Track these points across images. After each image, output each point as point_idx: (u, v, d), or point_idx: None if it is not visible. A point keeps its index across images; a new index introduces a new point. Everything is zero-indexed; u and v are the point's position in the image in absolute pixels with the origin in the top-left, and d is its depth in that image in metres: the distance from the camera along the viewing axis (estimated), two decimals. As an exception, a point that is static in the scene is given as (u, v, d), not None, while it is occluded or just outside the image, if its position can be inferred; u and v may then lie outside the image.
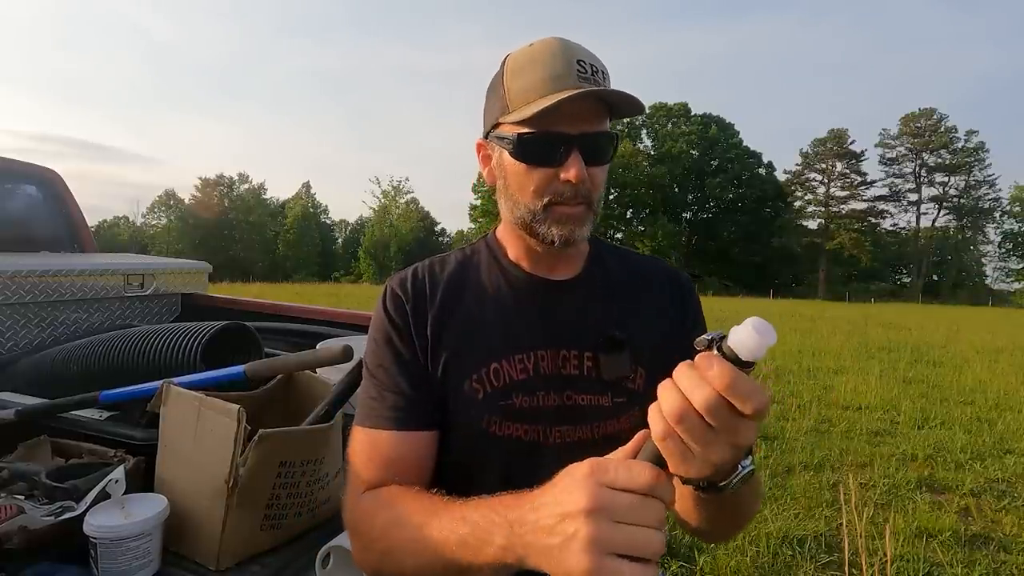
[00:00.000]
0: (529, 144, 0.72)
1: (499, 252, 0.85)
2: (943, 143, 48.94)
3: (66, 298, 1.98)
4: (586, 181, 0.72)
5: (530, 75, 0.71)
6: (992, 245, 51.80)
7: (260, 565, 1.03)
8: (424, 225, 56.41)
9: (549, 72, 0.70)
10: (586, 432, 0.77)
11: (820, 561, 2.44)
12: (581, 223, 0.75)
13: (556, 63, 0.70)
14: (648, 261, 0.91)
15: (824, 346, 9.36)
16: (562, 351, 0.78)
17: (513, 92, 0.73)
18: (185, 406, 1.05)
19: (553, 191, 0.73)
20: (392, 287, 0.82)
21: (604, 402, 0.78)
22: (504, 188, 0.78)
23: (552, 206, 0.74)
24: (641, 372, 0.80)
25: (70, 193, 2.68)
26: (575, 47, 0.72)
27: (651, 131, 51.35)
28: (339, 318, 2.11)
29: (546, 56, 0.71)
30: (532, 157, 0.73)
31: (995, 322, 19.32)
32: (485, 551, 0.55)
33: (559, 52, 0.71)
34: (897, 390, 5.91)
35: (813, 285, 48.69)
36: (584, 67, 0.70)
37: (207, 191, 57.44)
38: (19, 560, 0.91)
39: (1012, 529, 2.81)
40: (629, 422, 0.78)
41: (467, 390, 0.76)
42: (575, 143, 0.71)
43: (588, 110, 0.71)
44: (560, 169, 0.71)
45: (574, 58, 0.70)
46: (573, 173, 0.70)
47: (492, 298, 0.81)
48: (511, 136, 0.73)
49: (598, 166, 0.74)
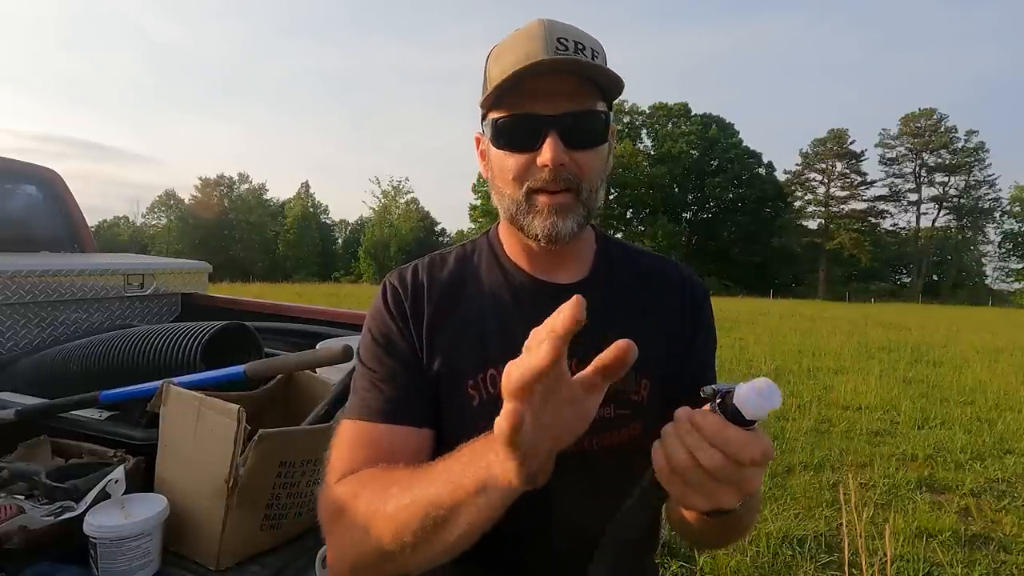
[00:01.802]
0: (503, 129, 0.69)
1: (499, 251, 0.81)
2: (943, 143, 48.93)
3: (66, 298, 1.98)
4: (568, 166, 0.67)
5: (508, 57, 0.67)
6: (992, 245, 51.92)
7: (260, 565, 1.03)
8: (424, 225, 56.42)
9: (524, 52, 0.65)
10: (585, 443, 0.72)
11: (820, 561, 2.44)
12: (564, 214, 0.69)
13: (534, 42, 0.66)
14: (661, 264, 0.86)
15: (824, 346, 9.35)
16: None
17: (492, 77, 0.69)
18: (185, 406, 1.05)
19: (531, 176, 0.69)
20: (392, 282, 0.79)
21: (606, 414, 0.73)
22: (492, 180, 0.74)
23: (532, 194, 0.69)
24: (645, 383, 0.76)
25: (70, 193, 2.68)
26: (560, 27, 0.68)
27: (651, 131, 51.37)
28: (339, 318, 2.11)
29: (525, 37, 0.67)
30: (508, 142, 0.69)
31: (995, 322, 19.31)
32: (464, 475, 0.53)
33: (538, 33, 0.66)
34: (897, 390, 5.91)
35: (813, 285, 48.69)
36: (565, 43, 0.65)
37: (207, 191, 57.47)
38: (19, 560, 0.91)
39: (1012, 529, 2.81)
40: (631, 434, 0.75)
41: (462, 396, 0.73)
42: (550, 124, 0.66)
43: (568, 88, 0.66)
44: (537, 154, 0.67)
45: (554, 36, 0.65)
46: (548, 156, 0.66)
47: (491, 301, 0.78)
48: (490, 122, 0.70)
49: (583, 150, 0.68)
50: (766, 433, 0.49)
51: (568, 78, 0.67)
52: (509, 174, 0.70)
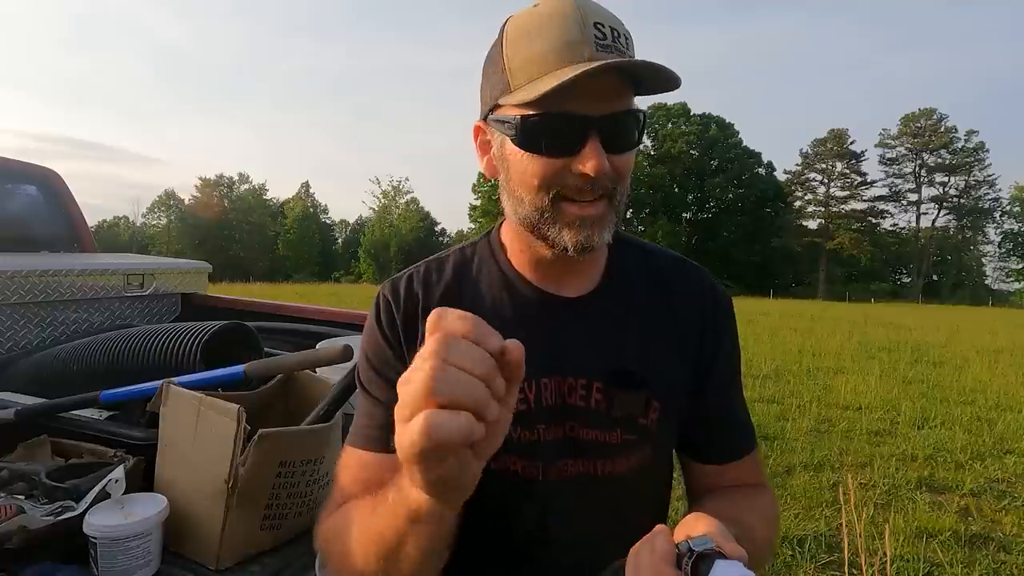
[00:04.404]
0: (536, 129, 0.59)
1: (502, 257, 0.74)
2: (943, 143, 48.94)
3: (66, 298, 1.98)
4: (608, 173, 0.59)
5: (537, 43, 0.57)
6: (992, 245, 52.00)
7: (260, 565, 1.03)
8: (424, 225, 56.46)
9: (560, 39, 0.56)
10: (588, 468, 0.69)
11: (820, 561, 2.44)
12: (601, 226, 0.62)
13: (569, 27, 0.56)
14: (682, 272, 0.77)
15: (824, 346, 9.35)
16: (568, 379, 0.69)
17: (516, 65, 0.59)
18: (185, 406, 1.05)
19: (562, 183, 0.60)
20: (384, 294, 0.73)
21: (612, 439, 0.69)
22: (506, 182, 0.65)
23: (561, 201, 0.61)
24: (656, 407, 0.70)
25: (70, 193, 2.68)
26: (592, 6, 0.59)
27: (651, 131, 51.34)
28: (339, 318, 2.11)
29: (556, 18, 0.57)
30: (540, 145, 0.59)
31: (995, 322, 19.31)
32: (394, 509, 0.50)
33: (571, 13, 0.57)
34: (897, 390, 5.91)
35: (813, 285, 48.69)
36: (603, 31, 0.57)
37: (207, 191, 57.54)
38: (19, 560, 0.91)
39: (1012, 529, 2.81)
40: (639, 460, 0.70)
41: None
42: (594, 127, 0.58)
43: (611, 86, 0.58)
44: (575, 160, 0.59)
45: (591, 20, 0.57)
46: (592, 165, 0.57)
47: (491, 315, 0.68)
48: (513, 120, 0.60)
49: (622, 153, 0.61)
50: (766, 433, 0.48)
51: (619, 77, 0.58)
52: (534, 179, 0.61)
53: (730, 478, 0.75)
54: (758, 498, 0.73)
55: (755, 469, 0.77)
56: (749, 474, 0.76)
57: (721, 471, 0.75)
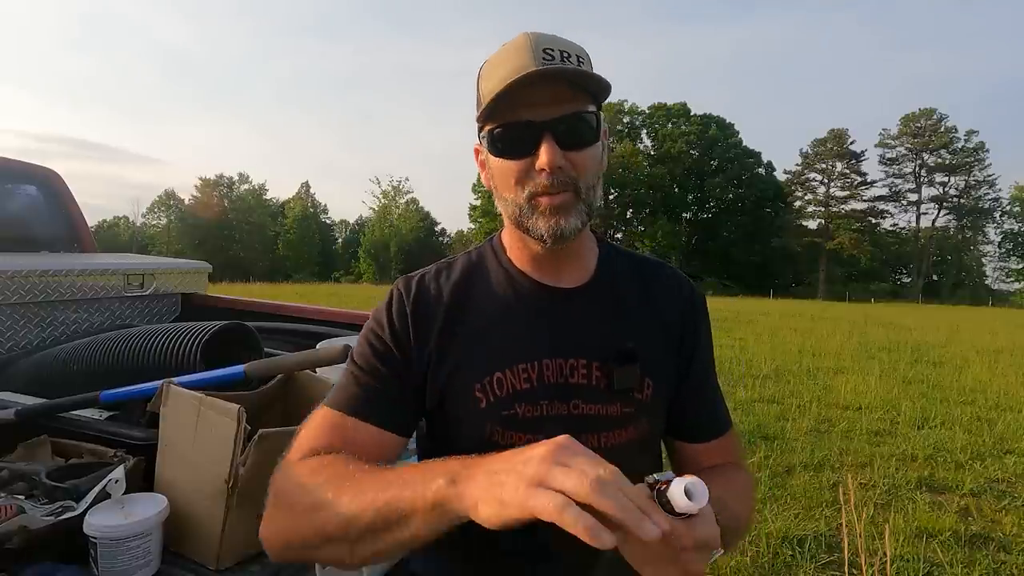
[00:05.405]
0: (500, 138, 0.72)
1: (504, 257, 0.84)
2: (943, 143, 48.90)
3: (66, 298, 1.98)
4: (565, 167, 0.70)
5: (497, 71, 0.70)
6: (992, 245, 51.90)
7: (260, 565, 1.03)
8: (424, 225, 56.46)
9: (513, 64, 0.68)
10: (591, 442, 0.75)
11: (820, 561, 2.44)
12: (567, 212, 0.72)
13: (521, 55, 0.69)
14: (660, 270, 0.89)
15: (824, 346, 9.35)
16: (569, 360, 0.77)
17: (484, 92, 0.72)
18: (185, 406, 1.05)
19: (532, 181, 0.71)
20: (399, 289, 0.81)
21: (612, 412, 0.77)
22: (495, 188, 0.77)
23: (534, 197, 0.72)
24: (649, 382, 0.79)
25: (70, 193, 2.68)
26: (545, 38, 0.70)
27: (651, 131, 51.40)
28: (339, 318, 2.11)
29: (511, 51, 0.70)
30: (506, 151, 0.72)
31: (995, 322, 19.31)
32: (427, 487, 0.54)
33: (524, 46, 0.69)
34: (897, 390, 5.91)
35: (813, 285, 48.68)
36: (551, 53, 0.68)
37: (207, 191, 57.52)
38: (19, 560, 0.91)
39: (1012, 529, 2.81)
40: (636, 433, 0.78)
41: (471, 400, 0.76)
42: (546, 129, 0.69)
43: (556, 94, 0.69)
44: (535, 159, 0.70)
45: (541, 47, 0.69)
46: (545, 160, 0.69)
47: (498, 307, 0.80)
48: (486, 134, 0.74)
49: (578, 150, 0.71)
50: (766, 433, 0.49)
51: (557, 85, 0.69)
52: (510, 179, 0.73)
53: (713, 457, 0.85)
54: (735, 475, 0.82)
55: (734, 447, 0.88)
56: (729, 452, 0.86)
57: (705, 449, 0.85)
